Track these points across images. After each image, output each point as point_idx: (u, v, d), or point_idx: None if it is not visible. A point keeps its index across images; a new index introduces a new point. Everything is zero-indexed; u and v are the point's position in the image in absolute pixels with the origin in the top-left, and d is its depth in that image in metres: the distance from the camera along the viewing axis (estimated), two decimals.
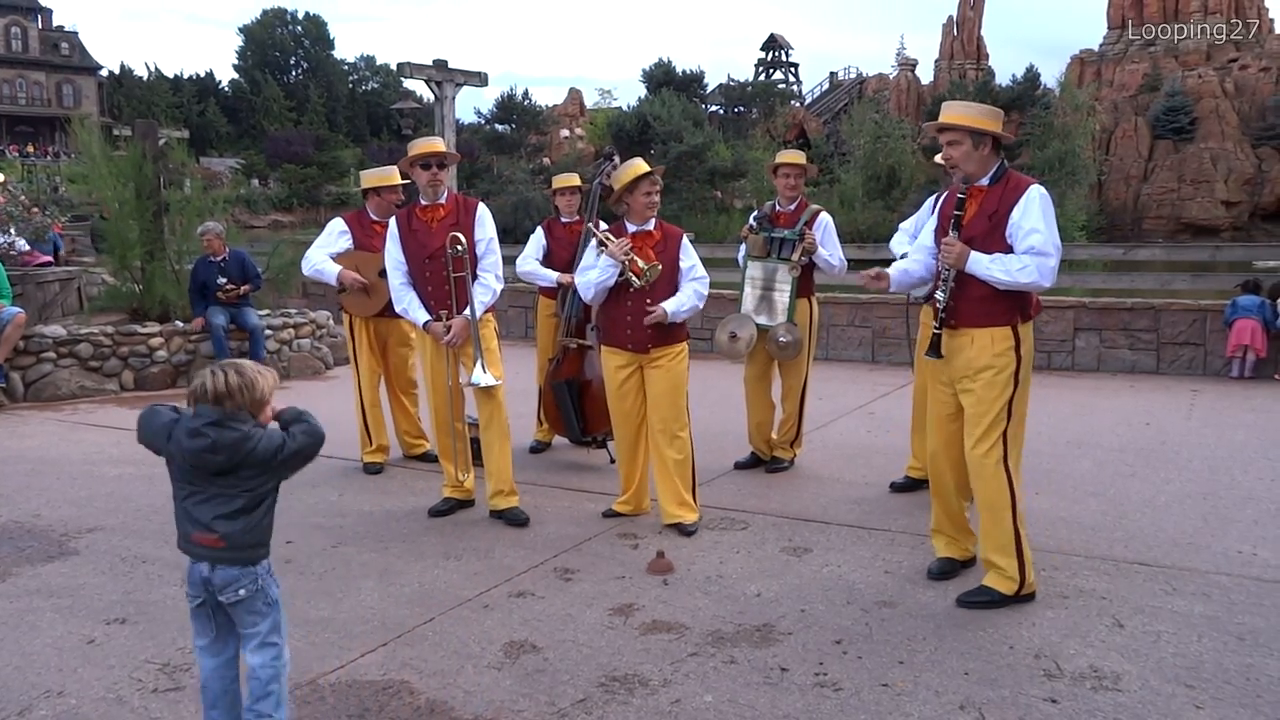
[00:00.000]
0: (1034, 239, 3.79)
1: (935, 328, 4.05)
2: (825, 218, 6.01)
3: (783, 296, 5.93)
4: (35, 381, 8.86)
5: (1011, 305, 3.90)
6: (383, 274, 6.25)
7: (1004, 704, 3.16)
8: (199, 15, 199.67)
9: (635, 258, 4.89)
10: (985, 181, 3.95)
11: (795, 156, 6.09)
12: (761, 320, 5.98)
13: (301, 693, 3.27)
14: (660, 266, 4.92)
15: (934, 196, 5.52)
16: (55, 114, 63.85)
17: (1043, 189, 3.89)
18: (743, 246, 6.15)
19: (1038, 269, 3.78)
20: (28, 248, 12.48)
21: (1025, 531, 4.01)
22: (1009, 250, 3.87)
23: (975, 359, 3.93)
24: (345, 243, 6.36)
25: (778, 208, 6.08)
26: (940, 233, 4.07)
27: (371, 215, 6.46)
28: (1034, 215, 3.81)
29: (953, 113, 3.98)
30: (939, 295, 4.00)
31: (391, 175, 6.52)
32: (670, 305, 4.91)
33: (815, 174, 6.17)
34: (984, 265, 3.85)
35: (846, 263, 6.06)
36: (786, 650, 3.57)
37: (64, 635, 3.76)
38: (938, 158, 4.56)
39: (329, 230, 6.47)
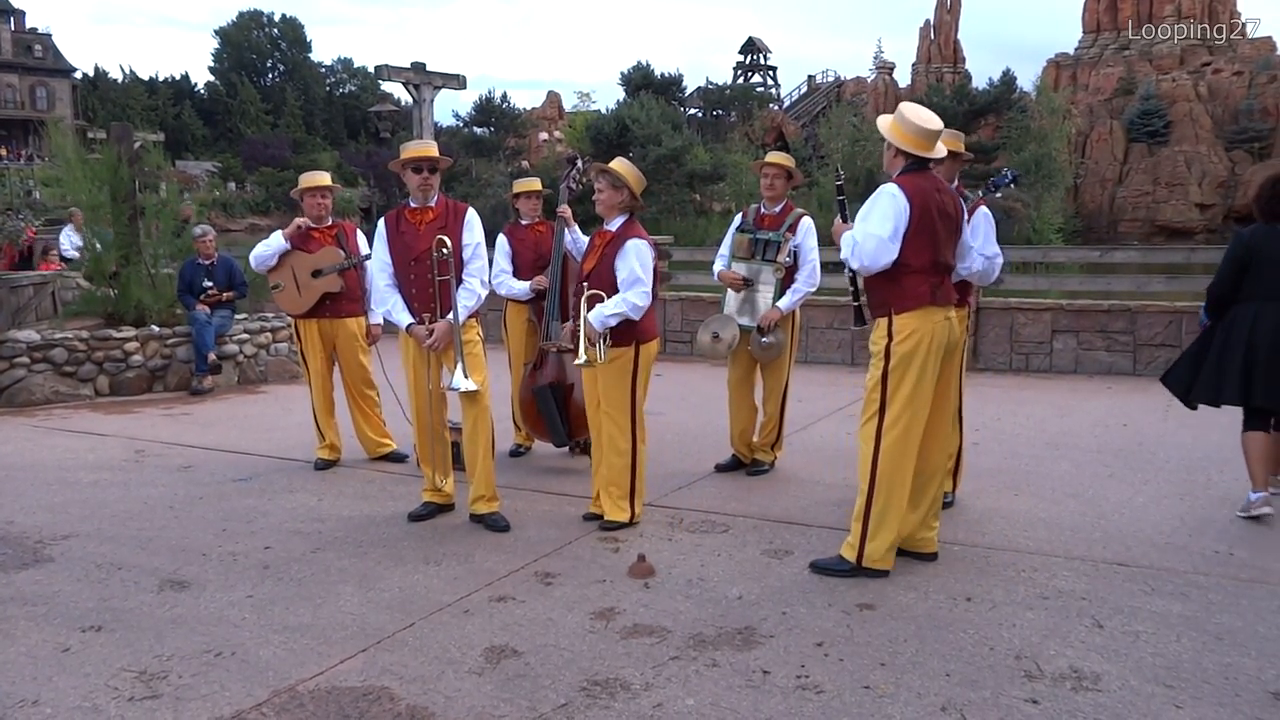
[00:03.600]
0: (856, 225, 4.30)
1: (852, 301, 4.61)
2: (808, 221, 6.01)
3: (765, 298, 5.94)
4: (9, 387, 8.77)
5: (884, 297, 4.29)
6: (316, 275, 6.35)
7: (985, 705, 3.17)
8: (171, 18, 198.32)
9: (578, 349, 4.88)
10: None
11: (778, 158, 6.07)
12: (744, 321, 5.98)
13: (280, 700, 3.25)
14: (590, 361, 4.86)
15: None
16: (29, 117, 63.24)
17: (892, 188, 4.20)
18: (725, 246, 6.17)
19: (849, 245, 4.27)
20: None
21: (876, 513, 4.27)
22: None
23: (870, 345, 4.41)
24: (278, 241, 6.58)
25: (763, 210, 6.09)
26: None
27: (309, 219, 6.64)
28: (866, 207, 4.26)
29: (881, 119, 4.46)
30: (846, 273, 4.59)
31: (318, 178, 6.70)
32: (593, 315, 4.87)
33: (800, 180, 6.21)
34: (844, 239, 4.36)
35: (820, 274, 6.02)
36: (768, 653, 3.57)
37: (38, 643, 3.71)
38: None
39: (272, 237, 6.71)
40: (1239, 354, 5.21)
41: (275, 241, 6.55)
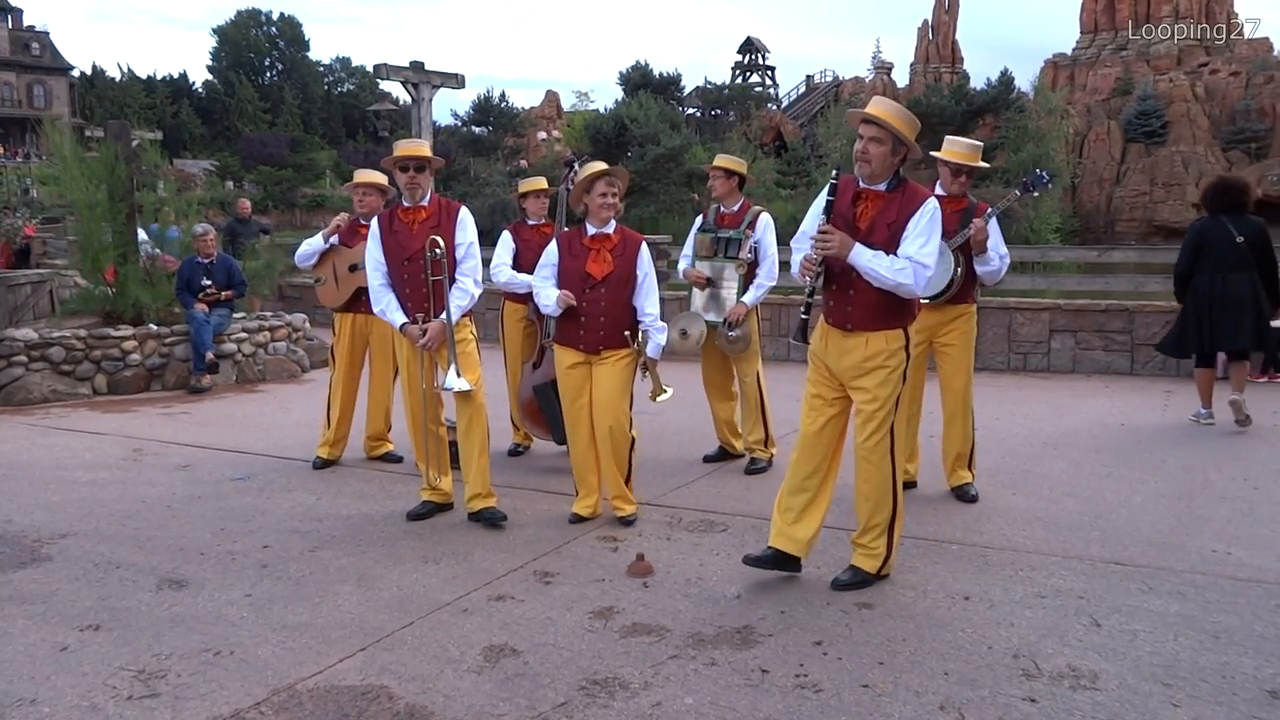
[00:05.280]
0: (915, 246, 3.96)
1: (802, 313, 4.18)
2: (766, 218, 6.19)
3: (730, 294, 6.10)
4: (6, 385, 8.76)
5: (904, 310, 4.11)
6: (353, 269, 6.35)
7: (983, 704, 3.17)
8: (169, 16, 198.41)
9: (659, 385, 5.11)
10: (882, 187, 4.07)
11: (723, 160, 6.21)
12: (710, 317, 6.14)
13: (279, 699, 3.24)
14: (669, 392, 5.12)
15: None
16: (26, 115, 63.14)
17: (934, 202, 4.05)
18: (688, 247, 6.32)
19: (914, 273, 3.94)
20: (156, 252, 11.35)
21: (901, 520, 4.24)
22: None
23: (870, 359, 4.09)
24: (318, 242, 6.66)
25: (723, 210, 6.21)
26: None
27: (359, 215, 6.68)
28: (924, 226, 3.98)
29: (886, 109, 4.01)
30: (807, 279, 4.09)
31: (373, 176, 6.71)
32: (651, 349, 5.10)
33: (752, 181, 6.38)
34: (867, 258, 3.95)
35: (778, 269, 6.12)
36: (767, 652, 3.57)
37: (36, 642, 3.71)
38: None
39: (312, 238, 6.84)
40: (1195, 313, 7.22)
41: (315, 242, 6.61)
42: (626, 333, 5.06)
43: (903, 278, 3.92)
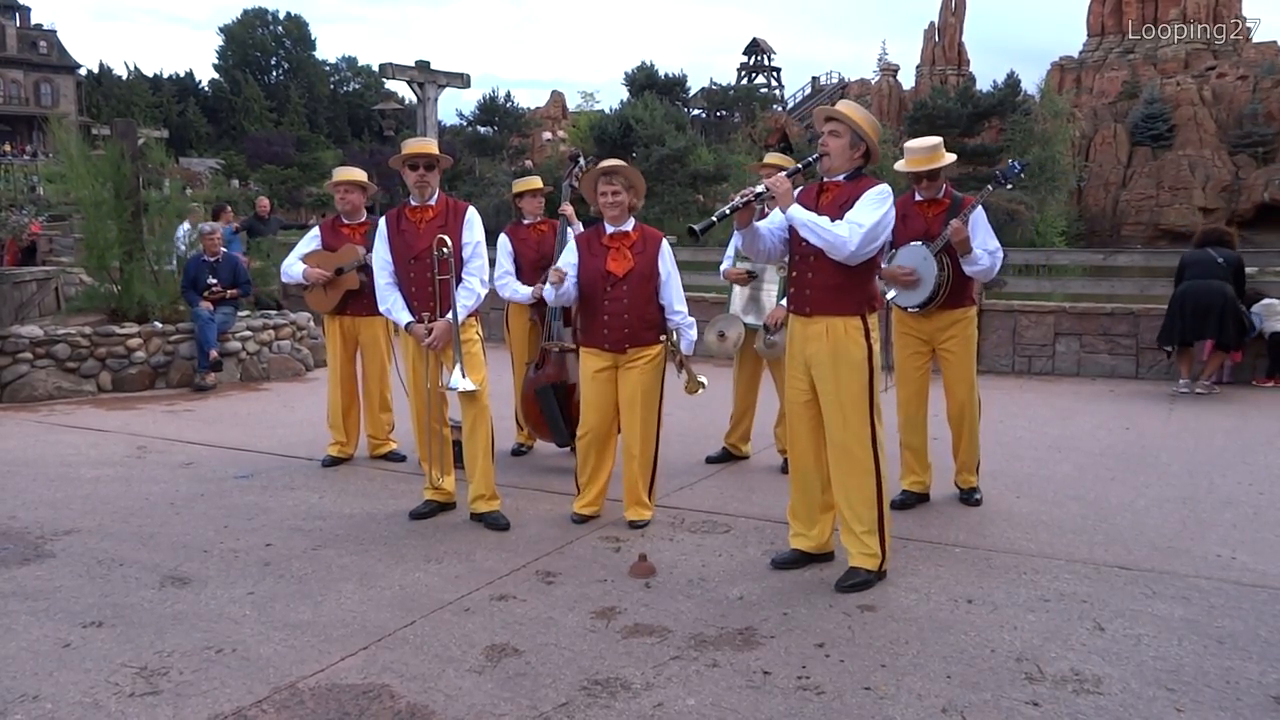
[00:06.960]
0: (856, 213, 4.11)
1: (714, 218, 4.50)
2: None
3: (770, 296, 5.99)
4: (11, 382, 8.78)
5: (860, 296, 4.21)
6: (339, 272, 6.33)
7: (986, 707, 3.16)
8: (175, 15, 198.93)
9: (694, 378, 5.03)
10: (842, 178, 4.29)
11: (774, 159, 6.11)
12: (749, 320, 6.03)
13: (280, 697, 3.24)
14: (705, 383, 5.03)
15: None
16: (33, 113, 63.21)
17: (886, 187, 4.20)
18: (731, 247, 6.21)
19: (849, 230, 4.06)
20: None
21: (889, 513, 4.27)
22: None
23: (830, 347, 4.21)
24: (314, 244, 6.58)
25: (766, 210, 6.10)
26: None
27: (340, 214, 6.65)
28: (868, 200, 4.14)
29: (847, 107, 4.29)
30: (736, 197, 4.30)
31: (346, 173, 6.69)
32: (685, 345, 5.09)
33: (800, 181, 6.29)
34: (803, 213, 4.16)
35: None
36: (769, 653, 3.57)
37: (39, 639, 3.71)
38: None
39: (307, 236, 6.77)
40: (1175, 310, 8.96)
41: (296, 272, 6.48)
42: (663, 336, 5.04)
43: (839, 229, 4.07)
